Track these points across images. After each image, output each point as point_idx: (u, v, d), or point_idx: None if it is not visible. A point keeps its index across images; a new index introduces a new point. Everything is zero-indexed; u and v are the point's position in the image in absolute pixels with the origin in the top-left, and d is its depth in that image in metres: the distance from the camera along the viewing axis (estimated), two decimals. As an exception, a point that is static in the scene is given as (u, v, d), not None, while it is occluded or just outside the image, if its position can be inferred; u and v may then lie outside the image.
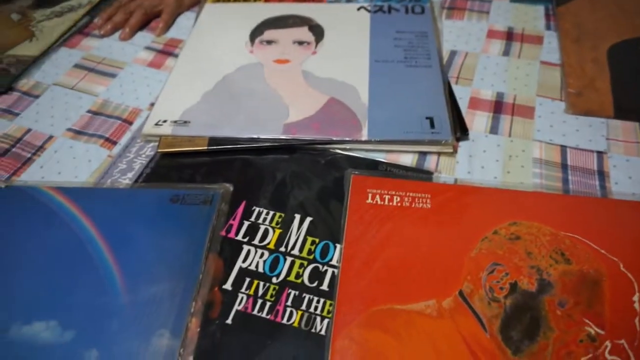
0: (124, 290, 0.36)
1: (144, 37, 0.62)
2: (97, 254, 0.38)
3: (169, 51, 0.59)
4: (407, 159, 0.45)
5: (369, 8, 0.61)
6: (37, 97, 0.53)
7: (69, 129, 0.50)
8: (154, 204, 0.41)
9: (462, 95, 0.51)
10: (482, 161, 0.44)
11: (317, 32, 0.58)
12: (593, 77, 0.51)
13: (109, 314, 0.34)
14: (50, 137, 0.49)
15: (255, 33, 0.59)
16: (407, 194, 0.40)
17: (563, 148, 0.45)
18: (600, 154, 0.44)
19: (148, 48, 0.60)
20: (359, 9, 0.61)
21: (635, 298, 0.34)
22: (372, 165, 0.44)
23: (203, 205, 0.41)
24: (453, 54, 0.57)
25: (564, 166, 0.43)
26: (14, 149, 0.48)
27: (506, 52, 0.57)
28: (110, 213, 0.41)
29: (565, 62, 0.53)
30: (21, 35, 0.60)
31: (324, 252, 0.38)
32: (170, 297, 0.35)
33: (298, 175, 0.43)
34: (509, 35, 0.59)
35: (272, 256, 0.38)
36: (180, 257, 0.37)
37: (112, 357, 0.33)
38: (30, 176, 0.45)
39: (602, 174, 0.42)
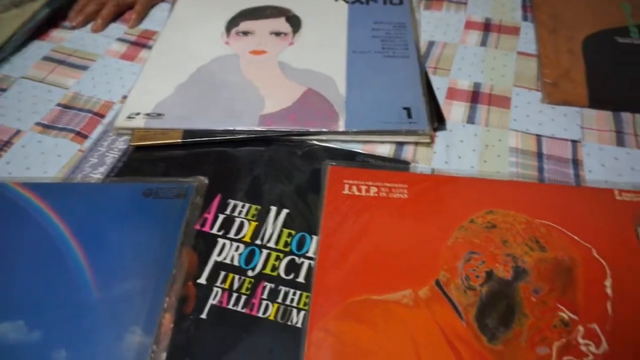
0: (95, 288, 0.35)
1: (117, 29, 0.60)
2: (67, 250, 0.37)
3: (142, 43, 0.58)
4: (385, 150, 0.44)
5: (346, -1, 0.61)
6: (4, 90, 0.51)
7: (38, 123, 0.48)
8: (127, 199, 0.40)
9: (440, 86, 0.51)
10: (459, 151, 0.44)
11: (295, 22, 0.58)
12: (568, 67, 0.51)
13: (79, 312, 0.33)
14: (18, 132, 0.47)
15: (231, 24, 0.58)
16: (384, 184, 0.40)
17: (539, 137, 0.45)
18: (574, 142, 0.45)
19: (121, 40, 0.58)
20: (337, 0, 0.61)
21: (607, 283, 0.34)
22: (349, 156, 0.44)
23: (177, 199, 0.40)
24: (431, 44, 0.57)
25: (540, 155, 0.44)
26: (-21, 144, 0.46)
27: (483, 43, 0.57)
28: (81, 209, 0.40)
29: (541, 53, 0.54)
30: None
31: (301, 244, 0.37)
32: (143, 293, 0.34)
33: (274, 167, 0.43)
34: (487, 26, 0.59)
35: (248, 249, 0.37)
36: (154, 252, 0.36)
37: (82, 356, 0.32)
38: (-4, 172, 0.44)
39: (576, 163, 0.43)
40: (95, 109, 0.49)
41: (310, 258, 0.37)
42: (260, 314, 0.34)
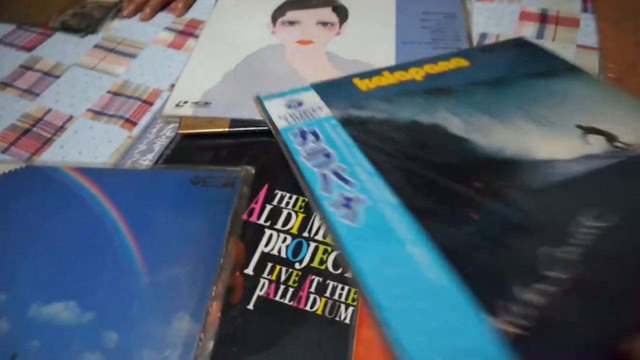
0: (144, 272, 0.35)
1: (164, 18, 0.61)
2: (117, 235, 0.37)
3: (189, 32, 0.58)
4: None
5: (395, -12, 0.59)
6: (57, 77, 0.53)
7: (89, 110, 0.49)
8: (174, 186, 0.40)
9: (493, 79, 0.49)
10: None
11: (341, 12, 0.57)
12: (635, 61, 0.48)
13: (128, 296, 0.34)
14: (71, 117, 0.48)
15: (277, 13, 0.57)
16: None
17: (602, 135, 0.43)
18: (642, 141, 0.42)
19: (168, 29, 0.59)
20: (384, -11, 0.59)
21: None
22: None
23: (224, 188, 0.39)
24: (483, 36, 0.54)
25: (603, 154, 0.41)
26: (34, 129, 0.47)
27: (540, 35, 0.54)
28: (130, 194, 0.40)
29: (604, 46, 0.51)
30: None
31: (349, 238, 0.36)
32: (191, 280, 0.34)
33: (321, 159, 0.42)
34: (543, 18, 0.56)
35: (295, 241, 0.37)
36: (201, 240, 0.36)
37: (132, 339, 0.32)
38: (50, 156, 0.45)
39: (644, 163, 0.40)
40: (143, 97, 0.50)
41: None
42: (307, 308, 0.33)
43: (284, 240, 0.37)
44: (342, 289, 0.34)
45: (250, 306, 0.34)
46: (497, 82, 0.43)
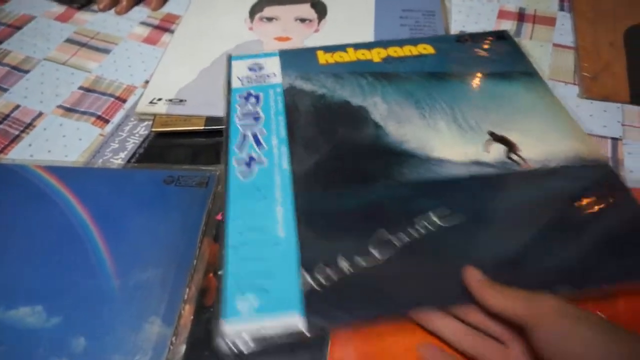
0: (114, 275, 0.34)
1: (140, 12, 0.59)
2: (87, 236, 0.36)
3: (165, 27, 0.57)
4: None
5: (374, -16, 0.58)
6: (26, 72, 0.51)
7: (60, 106, 0.47)
8: (147, 185, 0.39)
9: (471, 78, 0.49)
10: (491, 146, 0.42)
11: (320, 9, 0.56)
12: (609, 60, 0.49)
13: (98, 300, 0.33)
14: (40, 114, 0.47)
15: (255, 9, 0.56)
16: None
17: (576, 134, 0.43)
18: (615, 140, 0.42)
19: (144, 23, 0.57)
20: (364, -14, 0.58)
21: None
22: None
23: (198, 188, 0.39)
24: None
25: (577, 153, 0.41)
26: (1, 126, 0.46)
27: (517, 34, 0.54)
28: (101, 194, 0.39)
29: (579, 45, 0.51)
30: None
31: (324, 238, 0.36)
32: (163, 282, 0.33)
33: (298, 158, 0.42)
34: (521, 16, 0.56)
35: (270, 241, 0.36)
36: (174, 242, 0.36)
37: (100, 344, 0.31)
38: (18, 154, 0.43)
39: (616, 162, 0.41)
40: (117, 93, 0.49)
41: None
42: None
43: (259, 240, 0.36)
44: (317, 289, 0.34)
45: (224, 308, 0.33)
46: (445, 76, 0.45)
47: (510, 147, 0.38)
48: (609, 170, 0.36)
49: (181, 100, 0.45)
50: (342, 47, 0.47)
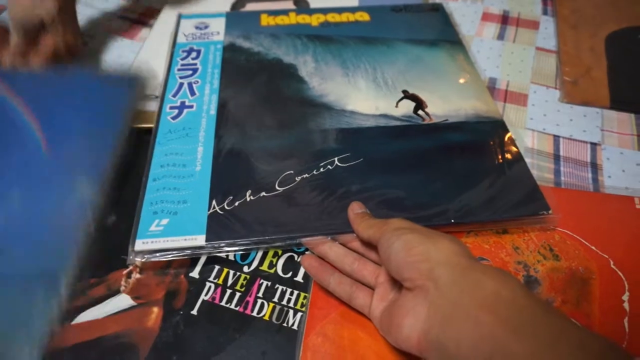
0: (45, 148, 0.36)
1: (119, 5, 0.57)
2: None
3: (144, 21, 0.55)
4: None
5: (359, -17, 0.58)
6: None
7: (31, 100, 0.46)
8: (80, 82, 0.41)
9: (453, 79, 0.48)
10: (472, 149, 0.42)
11: (303, 6, 0.55)
12: (590, 65, 0.49)
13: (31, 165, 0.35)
14: (9, 108, 0.45)
15: (237, 5, 0.55)
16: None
17: (556, 138, 0.43)
18: (594, 145, 0.42)
19: (122, 17, 0.56)
20: (348, -16, 0.58)
21: (625, 297, 0.32)
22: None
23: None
24: (445, 35, 0.54)
25: (557, 157, 0.41)
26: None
27: (500, 37, 0.54)
28: (39, 90, 0.40)
29: (561, 49, 0.51)
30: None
31: (301, 240, 0.36)
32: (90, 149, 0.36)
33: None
34: (504, 19, 0.56)
35: (244, 243, 0.36)
36: (102, 123, 0.38)
37: (34, 198, 0.33)
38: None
39: (595, 166, 0.41)
40: (91, 88, 0.47)
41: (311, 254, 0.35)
42: (254, 314, 0.32)
43: (233, 242, 0.36)
44: (292, 293, 0.33)
45: (194, 311, 0.32)
46: (375, 40, 0.49)
47: (419, 103, 0.42)
48: (500, 126, 0.40)
49: (157, 96, 0.44)
50: (285, 12, 0.52)
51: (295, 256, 0.35)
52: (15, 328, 0.28)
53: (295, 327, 0.31)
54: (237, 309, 0.32)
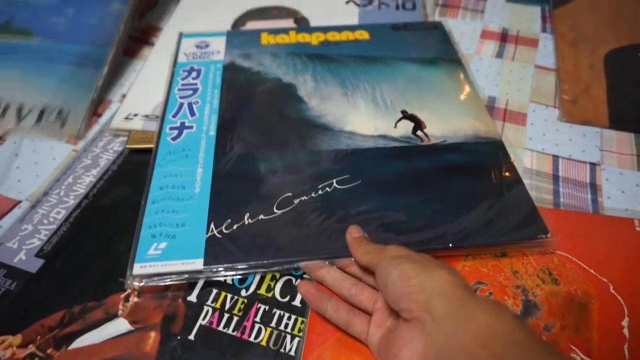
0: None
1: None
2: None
3: (146, 39, 0.56)
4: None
5: (357, 2, 0.58)
6: (0, 83, 0.50)
7: (32, 120, 0.46)
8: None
9: (452, 98, 0.49)
10: (470, 169, 0.42)
11: (303, 25, 0.55)
12: (589, 83, 0.49)
13: None
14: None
15: (238, 24, 0.56)
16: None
17: (555, 158, 0.43)
18: (593, 165, 0.42)
19: (123, 35, 0.56)
20: (347, 3, 0.58)
21: (625, 323, 0.32)
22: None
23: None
24: (445, 53, 0.54)
25: (556, 177, 0.41)
26: (-30, 140, 0.44)
27: (500, 54, 0.54)
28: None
29: (560, 67, 0.51)
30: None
31: (298, 263, 0.36)
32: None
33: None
34: (503, 37, 0.57)
35: (242, 266, 0.36)
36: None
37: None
38: (-14, 170, 0.42)
39: (594, 187, 0.40)
40: (92, 108, 0.48)
41: (309, 279, 0.34)
42: (252, 339, 0.32)
43: (231, 265, 0.36)
44: (289, 318, 0.33)
45: (192, 336, 0.32)
46: (375, 59, 0.49)
47: (418, 124, 0.42)
48: (499, 147, 0.40)
49: (157, 116, 0.44)
50: (285, 30, 0.52)
51: (293, 279, 0.35)
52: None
53: (292, 352, 0.31)
54: (234, 333, 0.32)
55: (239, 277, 0.35)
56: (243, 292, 0.34)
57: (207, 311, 0.33)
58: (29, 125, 0.44)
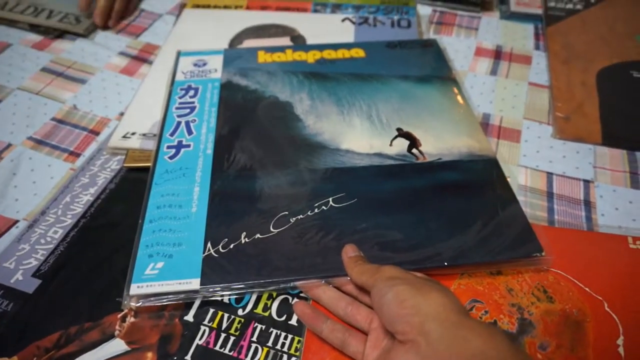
0: None
1: (119, 41, 0.59)
2: None
3: (144, 57, 0.57)
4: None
5: (353, 20, 0.59)
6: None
7: (30, 138, 0.46)
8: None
9: (447, 115, 0.49)
10: (465, 187, 0.42)
11: (300, 43, 0.56)
12: (582, 101, 0.50)
13: None
14: (9, 145, 0.46)
15: (235, 42, 0.56)
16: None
17: (549, 175, 0.43)
18: (587, 182, 0.43)
19: (122, 53, 0.57)
20: (343, 20, 0.59)
21: (620, 341, 0.32)
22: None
23: None
24: (439, 71, 0.55)
25: (550, 195, 0.42)
26: (-32, 158, 0.44)
27: (494, 72, 0.55)
28: None
29: (553, 85, 0.52)
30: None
31: (295, 282, 0.36)
32: None
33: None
34: (497, 54, 0.57)
35: (239, 285, 0.36)
36: None
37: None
38: (-17, 188, 0.42)
39: (588, 205, 0.41)
40: (90, 126, 0.48)
41: (305, 298, 0.35)
42: (248, 359, 0.32)
43: (228, 284, 0.36)
44: (286, 337, 0.33)
45: (189, 356, 0.32)
46: (370, 77, 0.50)
47: (413, 141, 0.42)
48: (494, 164, 0.41)
49: (155, 135, 0.44)
50: (282, 49, 0.53)
51: (290, 298, 0.35)
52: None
53: (289, 373, 0.31)
54: (231, 353, 0.32)
55: (235, 296, 0.35)
56: (240, 312, 0.34)
57: (204, 331, 0.33)
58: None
